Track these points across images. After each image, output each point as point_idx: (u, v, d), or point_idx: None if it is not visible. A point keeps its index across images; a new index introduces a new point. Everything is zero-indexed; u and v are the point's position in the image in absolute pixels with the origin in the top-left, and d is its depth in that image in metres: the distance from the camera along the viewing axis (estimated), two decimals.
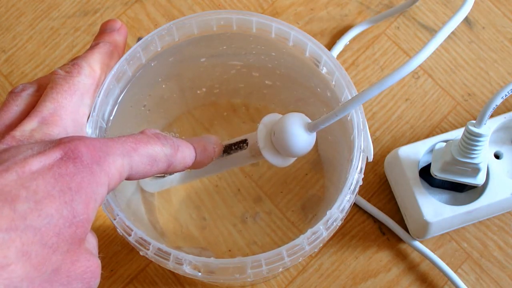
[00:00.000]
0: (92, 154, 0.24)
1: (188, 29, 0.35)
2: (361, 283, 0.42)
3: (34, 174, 0.22)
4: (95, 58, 0.30)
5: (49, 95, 0.27)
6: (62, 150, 0.23)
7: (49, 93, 0.27)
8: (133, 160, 0.26)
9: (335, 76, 0.34)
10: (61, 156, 0.23)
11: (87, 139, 0.24)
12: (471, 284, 0.42)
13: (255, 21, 0.34)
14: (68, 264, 0.23)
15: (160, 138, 0.28)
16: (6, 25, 0.48)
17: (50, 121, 0.26)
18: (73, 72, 0.28)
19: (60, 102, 0.27)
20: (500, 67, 0.47)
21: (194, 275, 0.29)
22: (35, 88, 0.28)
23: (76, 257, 0.23)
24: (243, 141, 0.34)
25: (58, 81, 0.28)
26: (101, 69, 0.30)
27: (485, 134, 0.35)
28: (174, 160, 0.28)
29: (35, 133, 0.26)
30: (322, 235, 0.30)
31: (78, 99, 0.28)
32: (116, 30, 0.32)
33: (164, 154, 0.27)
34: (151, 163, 0.27)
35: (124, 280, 0.41)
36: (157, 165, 0.27)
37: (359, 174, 0.31)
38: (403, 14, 0.48)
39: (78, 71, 0.28)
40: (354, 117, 0.32)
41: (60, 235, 0.22)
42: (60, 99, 0.27)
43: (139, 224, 0.37)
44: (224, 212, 0.42)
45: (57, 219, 0.22)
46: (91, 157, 0.24)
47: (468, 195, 0.40)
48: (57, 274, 0.22)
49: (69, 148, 0.23)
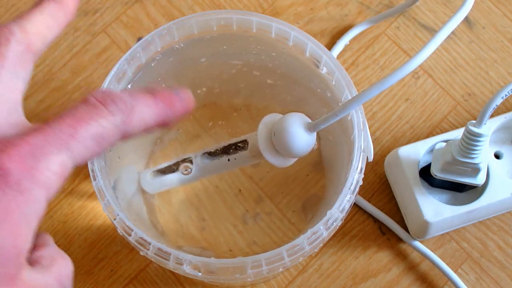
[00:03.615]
0: (21, 167, 0.20)
1: (188, 29, 0.35)
2: (361, 283, 0.42)
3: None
4: (31, 19, 0.24)
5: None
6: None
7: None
8: (74, 151, 0.21)
9: (335, 76, 0.34)
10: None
11: (12, 147, 0.20)
12: (471, 284, 0.42)
13: (255, 21, 0.34)
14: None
15: (108, 103, 0.22)
16: None
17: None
18: (1, 39, 0.23)
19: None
20: (500, 67, 0.47)
21: (194, 275, 0.29)
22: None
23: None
24: (243, 142, 0.34)
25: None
26: (38, 32, 0.24)
27: (485, 134, 0.35)
28: (128, 127, 0.23)
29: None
30: (322, 235, 0.30)
31: (9, 73, 0.23)
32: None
33: (113, 125, 0.22)
34: (98, 143, 0.22)
35: (124, 280, 0.41)
36: (106, 142, 0.22)
37: (359, 174, 0.31)
38: (403, 14, 0.48)
39: (7, 38, 0.23)
40: (354, 117, 0.32)
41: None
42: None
43: (140, 224, 0.37)
44: (224, 212, 0.42)
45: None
46: (20, 172, 0.20)
47: (468, 195, 0.40)
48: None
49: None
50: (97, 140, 0.22)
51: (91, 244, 0.42)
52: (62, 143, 0.21)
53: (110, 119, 0.22)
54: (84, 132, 0.21)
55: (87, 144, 0.22)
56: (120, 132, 0.23)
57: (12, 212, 0.19)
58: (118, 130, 0.23)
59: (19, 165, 0.20)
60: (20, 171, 0.20)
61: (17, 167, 0.20)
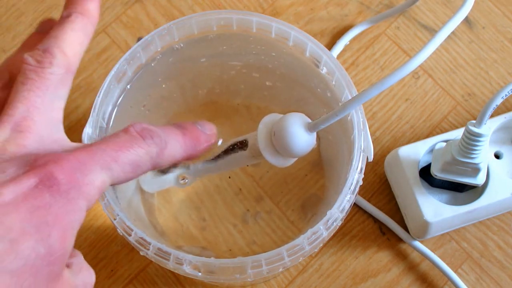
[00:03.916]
0: (69, 178, 0.22)
1: (188, 29, 0.35)
2: (361, 283, 0.42)
3: (8, 206, 0.20)
4: (67, 40, 0.26)
5: (20, 94, 0.24)
6: (37, 176, 0.21)
7: (20, 90, 0.24)
8: (113, 172, 0.24)
9: (335, 76, 0.34)
10: (35, 184, 0.21)
11: (63, 160, 0.22)
12: (471, 284, 0.42)
13: (255, 21, 0.34)
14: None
15: (146, 137, 0.25)
16: (6, 25, 0.48)
17: (23, 127, 0.24)
18: (45, 63, 0.25)
19: (32, 102, 0.24)
20: (500, 67, 0.47)
21: (194, 275, 0.29)
22: (5, 80, 0.26)
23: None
24: (243, 142, 0.34)
25: (29, 75, 0.25)
26: (75, 53, 0.26)
27: (485, 134, 0.35)
28: (160, 160, 0.26)
29: (8, 145, 0.23)
30: (322, 235, 0.30)
31: (52, 93, 0.25)
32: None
33: (149, 157, 0.25)
34: (133, 170, 0.25)
35: (124, 280, 0.41)
36: (140, 170, 0.25)
37: (359, 174, 0.31)
38: (403, 14, 0.48)
39: (50, 61, 0.25)
40: (354, 117, 0.32)
41: (38, 275, 0.21)
42: (32, 97, 0.24)
43: (140, 224, 0.37)
44: (224, 212, 0.42)
45: (34, 259, 0.20)
46: (68, 182, 0.22)
47: (468, 195, 0.40)
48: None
49: (45, 174, 0.22)
50: (133, 167, 0.25)
51: (91, 244, 0.42)
52: (105, 163, 0.23)
53: (147, 150, 0.25)
54: (124, 157, 0.24)
55: (125, 169, 0.24)
56: (153, 163, 0.26)
57: (62, 218, 0.21)
58: (151, 161, 0.25)
59: (69, 177, 0.22)
60: (69, 182, 0.22)
61: (67, 178, 0.22)
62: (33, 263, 0.20)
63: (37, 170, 0.22)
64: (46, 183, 0.21)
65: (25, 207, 0.21)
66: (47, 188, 0.21)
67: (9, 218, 0.20)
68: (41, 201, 0.21)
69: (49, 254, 0.21)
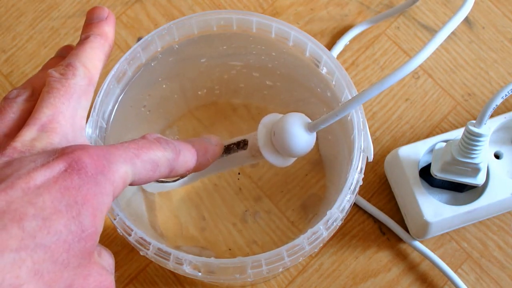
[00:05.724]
0: (96, 164, 0.23)
1: (188, 29, 0.35)
2: (361, 283, 0.42)
3: (40, 189, 0.22)
4: (88, 56, 0.29)
5: (46, 101, 0.26)
6: (66, 162, 0.23)
7: (45, 98, 0.26)
8: (136, 167, 0.25)
9: (335, 76, 0.34)
10: (65, 168, 0.23)
11: (90, 148, 0.24)
12: (471, 284, 0.42)
13: (255, 21, 0.34)
14: (80, 279, 0.23)
15: (162, 142, 0.27)
16: (6, 25, 0.48)
17: (49, 129, 0.26)
18: (68, 75, 0.27)
19: (57, 108, 0.26)
20: (500, 67, 0.47)
21: (194, 275, 0.29)
22: (29, 92, 0.28)
23: (87, 272, 0.23)
24: (243, 141, 0.34)
25: (54, 85, 0.27)
26: (95, 67, 0.29)
27: (485, 134, 0.35)
28: (176, 164, 0.28)
29: (36, 142, 0.25)
30: (322, 235, 0.30)
31: (75, 102, 0.27)
32: (104, 19, 0.30)
33: (166, 159, 0.27)
34: (153, 168, 0.27)
35: (124, 280, 0.41)
36: (159, 170, 0.27)
37: (359, 174, 0.31)
38: (403, 14, 0.48)
39: (73, 73, 0.27)
40: (354, 117, 0.32)
41: (70, 251, 0.22)
42: (57, 104, 0.26)
43: (139, 223, 0.37)
44: (224, 211, 0.42)
45: (66, 235, 0.22)
46: (95, 167, 0.23)
47: (468, 195, 0.40)
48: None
49: (73, 159, 0.23)
50: (153, 165, 0.26)
51: None
52: (128, 157, 0.25)
53: (164, 153, 0.27)
54: (145, 155, 0.26)
55: (146, 166, 0.26)
56: (169, 166, 0.28)
57: (91, 198, 0.23)
58: (168, 164, 0.27)
59: (95, 162, 0.23)
60: (96, 167, 0.23)
61: (94, 163, 0.23)
62: (65, 239, 0.22)
63: (66, 156, 0.23)
64: (74, 166, 0.23)
65: (56, 188, 0.22)
66: (76, 171, 0.23)
67: (41, 198, 0.22)
68: (70, 183, 0.22)
69: (81, 230, 0.22)
